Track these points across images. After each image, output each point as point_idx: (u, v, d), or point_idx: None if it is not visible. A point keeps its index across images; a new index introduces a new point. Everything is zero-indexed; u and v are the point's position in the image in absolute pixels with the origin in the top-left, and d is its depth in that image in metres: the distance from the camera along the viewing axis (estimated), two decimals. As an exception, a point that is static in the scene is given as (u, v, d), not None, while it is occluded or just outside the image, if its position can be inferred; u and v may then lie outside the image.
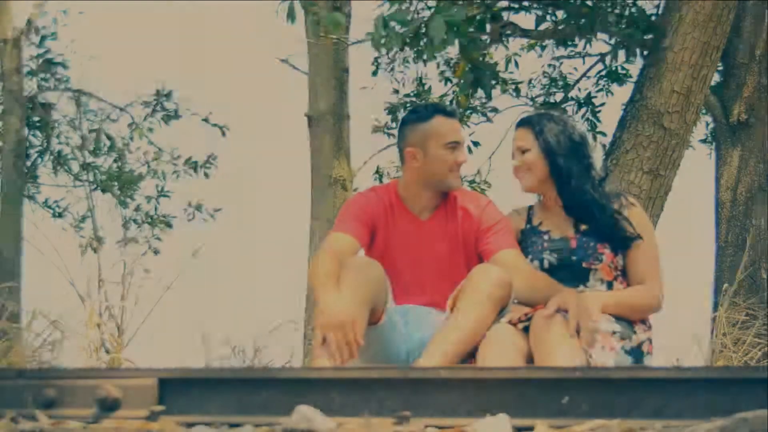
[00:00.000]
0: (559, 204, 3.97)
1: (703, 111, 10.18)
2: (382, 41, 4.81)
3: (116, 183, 13.69)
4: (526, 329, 3.50)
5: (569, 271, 3.82)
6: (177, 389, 2.47)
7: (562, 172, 3.90)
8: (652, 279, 3.82)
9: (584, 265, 3.80)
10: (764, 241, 8.85)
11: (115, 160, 14.07)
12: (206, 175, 14.07)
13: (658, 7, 8.58)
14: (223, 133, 14.08)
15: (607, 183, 4.10)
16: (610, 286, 3.81)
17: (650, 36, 6.87)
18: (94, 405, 2.46)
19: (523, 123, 4.03)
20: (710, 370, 2.29)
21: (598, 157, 4.05)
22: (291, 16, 5.32)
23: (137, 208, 14.27)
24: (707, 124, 12.81)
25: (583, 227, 3.89)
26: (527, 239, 3.97)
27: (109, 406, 2.44)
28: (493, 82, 10.48)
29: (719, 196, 9.11)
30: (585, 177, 3.90)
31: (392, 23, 4.78)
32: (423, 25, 5.08)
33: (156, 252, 14.05)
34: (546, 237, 3.92)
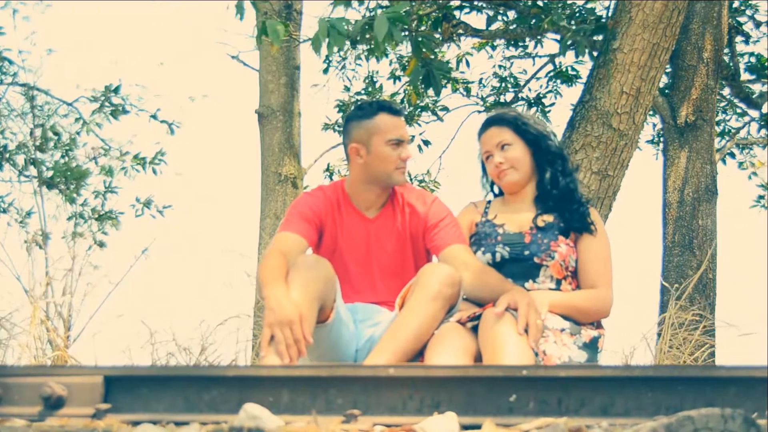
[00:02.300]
0: (528, 197, 4.05)
1: (651, 112, 10.29)
2: (323, 46, 4.81)
3: (64, 178, 13.53)
4: (474, 328, 3.51)
5: (520, 266, 3.84)
6: (123, 387, 2.46)
7: (548, 160, 4.03)
8: (604, 284, 3.86)
9: (536, 260, 3.82)
10: (711, 241, 8.95)
11: (62, 156, 13.91)
12: (155, 171, 13.93)
13: (608, 8, 8.66)
14: (172, 130, 13.97)
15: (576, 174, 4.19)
16: (558, 284, 3.83)
17: (600, 37, 6.91)
18: (39, 403, 2.43)
19: (497, 121, 4.09)
20: (657, 369, 2.31)
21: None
22: (240, 13, 5.30)
23: (84, 203, 14.11)
24: (654, 126, 12.96)
25: (542, 223, 3.92)
26: (481, 232, 3.99)
27: (54, 404, 2.42)
28: (444, 81, 10.52)
29: (666, 197, 9.20)
30: (564, 166, 4.04)
31: (333, 28, 4.78)
32: (367, 24, 5.08)
33: (102, 245, 13.90)
34: (500, 230, 3.95)
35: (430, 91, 7.68)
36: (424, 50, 5.98)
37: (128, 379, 2.47)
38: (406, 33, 6.15)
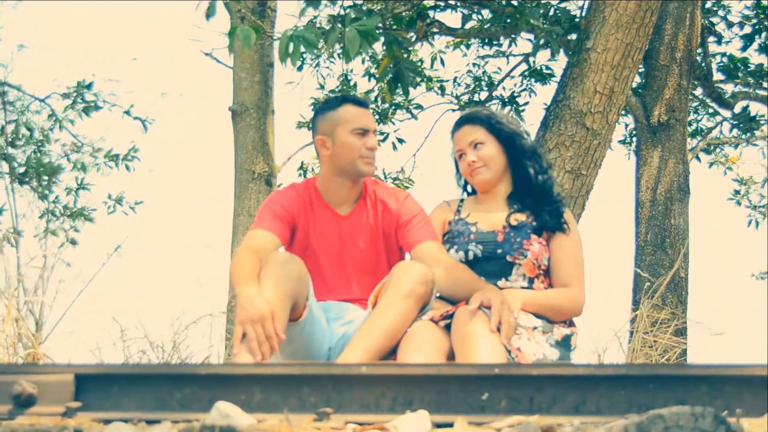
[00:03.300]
0: (501, 195, 4.08)
1: (624, 112, 10.34)
2: (288, 58, 4.81)
3: (36, 174, 13.44)
4: (447, 327, 3.51)
5: (493, 264, 3.86)
6: (94, 386, 2.45)
7: (522, 158, 4.05)
8: (576, 283, 3.89)
9: (509, 258, 3.84)
10: (683, 240, 9.01)
11: (34, 152, 13.82)
12: (128, 168, 13.87)
13: (581, 8, 8.69)
14: (145, 127, 13.90)
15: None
16: (531, 282, 3.85)
17: (574, 36, 6.94)
18: (9, 401, 2.41)
19: (470, 120, 4.11)
20: (628, 368, 2.32)
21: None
22: (210, 13, 5.29)
23: (56, 200, 14.03)
24: (627, 125, 13.03)
25: (515, 221, 3.93)
26: (454, 230, 4.00)
27: (24, 403, 2.40)
28: (418, 79, 10.53)
29: (639, 196, 9.24)
30: (539, 163, 4.06)
31: (299, 39, 4.78)
32: (339, 33, 5.07)
33: (73, 242, 13.83)
34: (473, 229, 3.96)
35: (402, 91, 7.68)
36: (396, 50, 5.97)
37: (99, 377, 2.46)
38: (380, 30, 6.15)
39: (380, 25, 6.35)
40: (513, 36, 10.18)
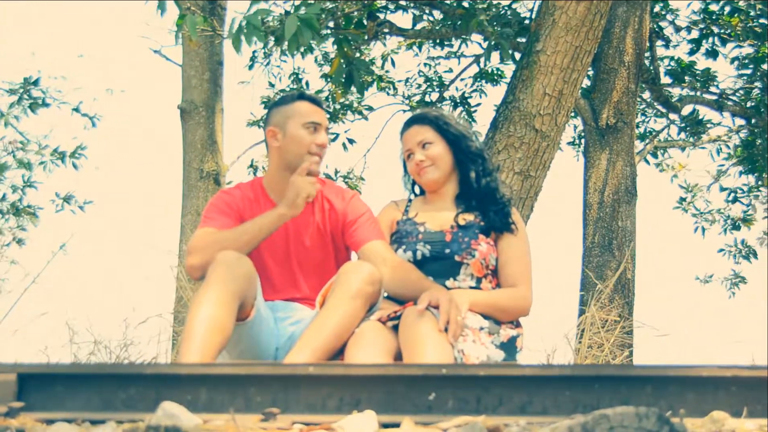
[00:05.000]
0: (449, 196, 4.10)
1: (573, 114, 10.42)
2: (242, 44, 4.81)
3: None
4: (395, 327, 3.51)
5: (441, 264, 3.87)
6: (38, 385, 2.41)
7: (468, 160, 4.08)
8: (524, 283, 3.91)
9: (457, 258, 3.85)
10: (630, 242, 9.09)
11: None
12: (74, 166, 13.72)
13: (531, 10, 8.74)
14: (94, 123, 13.78)
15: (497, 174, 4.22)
16: (479, 282, 3.86)
17: (524, 39, 6.97)
18: (-51, 401, 2.37)
19: (419, 120, 4.15)
20: (574, 369, 2.33)
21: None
22: (161, 9, 5.26)
23: (2, 198, 13.86)
24: (575, 127, 13.14)
25: (463, 221, 3.95)
26: (402, 230, 4.01)
27: (-36, 403, 2.36)
28: (370, 78, 10.54)
29: (587, 198, 9.31)
30: (486, 165, 4.09)
31: (249, 24, 4.78)
32: (280, 24, 5.08)
33: (20, 242, 13.67)
34: (421, 229, 3.97)
35: (356, 90, 7.69)
36: (346, 49, 5.97)
37: (43, 376, 2.42)
38: (331, 30, 6.14)
39: (331, 24, 6.35)
40: (464, 37, 10.22)
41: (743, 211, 13.78)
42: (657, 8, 11.23)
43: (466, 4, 7.64)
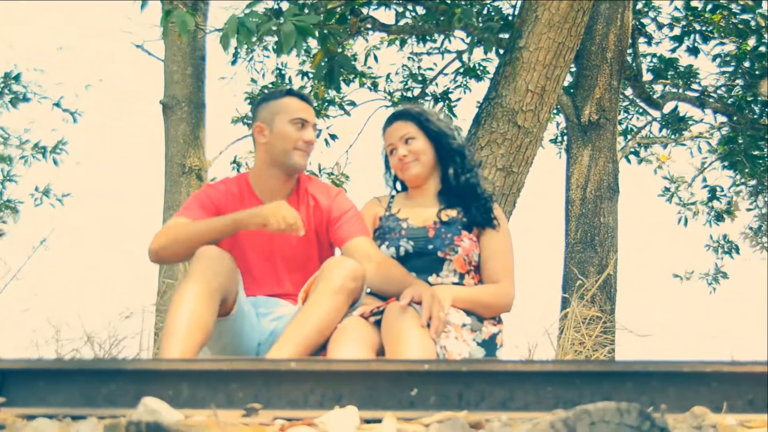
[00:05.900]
0: (431, 192, 4.11)
1: (556, 110, 10.44)
2: (231, 43, 4.81)
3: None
4: (378, 323, 3.51)
5: (424, 260, 3.87)
6: (18, 381, 2.40)
7: (449, 156, 4.11)
8: (506, 279, 3.92)
9: (440, 254, 3.85)
10: (612, 239, 9.12)
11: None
12: (55, 161, 13.66)
13: (514, 6, 8.75)
14: (75, 118, 13.72)
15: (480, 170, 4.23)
16: (462, 278, 3.87)
17: (507, 35, 6.97)
18: (-72, 397, 2.36)
19: (401, 116, 4.17)
20: (556, 364, 2.34)
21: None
22: (143, 3, 5.24)
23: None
24: (558, 124, 13.17)
25: (445, 217, 3.95)
26: (385, 226, 4.01)
27: (-56, 399, 2.35)
28: (351, 75, 10.53)
29: (569, 195, 9.34)
30: (466, 161, 4.11)
31: (243, 26, 4.77)
32: (276, 27, 5.05)
33: (0, 234, 13.60)
34: (404, 225, 3.98)
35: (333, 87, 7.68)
36: (330, 45, 5.97)
37: (24, 372, 2.41)
38: (314, 25, 6.13)
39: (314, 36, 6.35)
40: (447, 33, 10.22)
41: (726, 202, 13.86)
42: (639, 5, 11.26)
43: (448, 0, 7.62)
